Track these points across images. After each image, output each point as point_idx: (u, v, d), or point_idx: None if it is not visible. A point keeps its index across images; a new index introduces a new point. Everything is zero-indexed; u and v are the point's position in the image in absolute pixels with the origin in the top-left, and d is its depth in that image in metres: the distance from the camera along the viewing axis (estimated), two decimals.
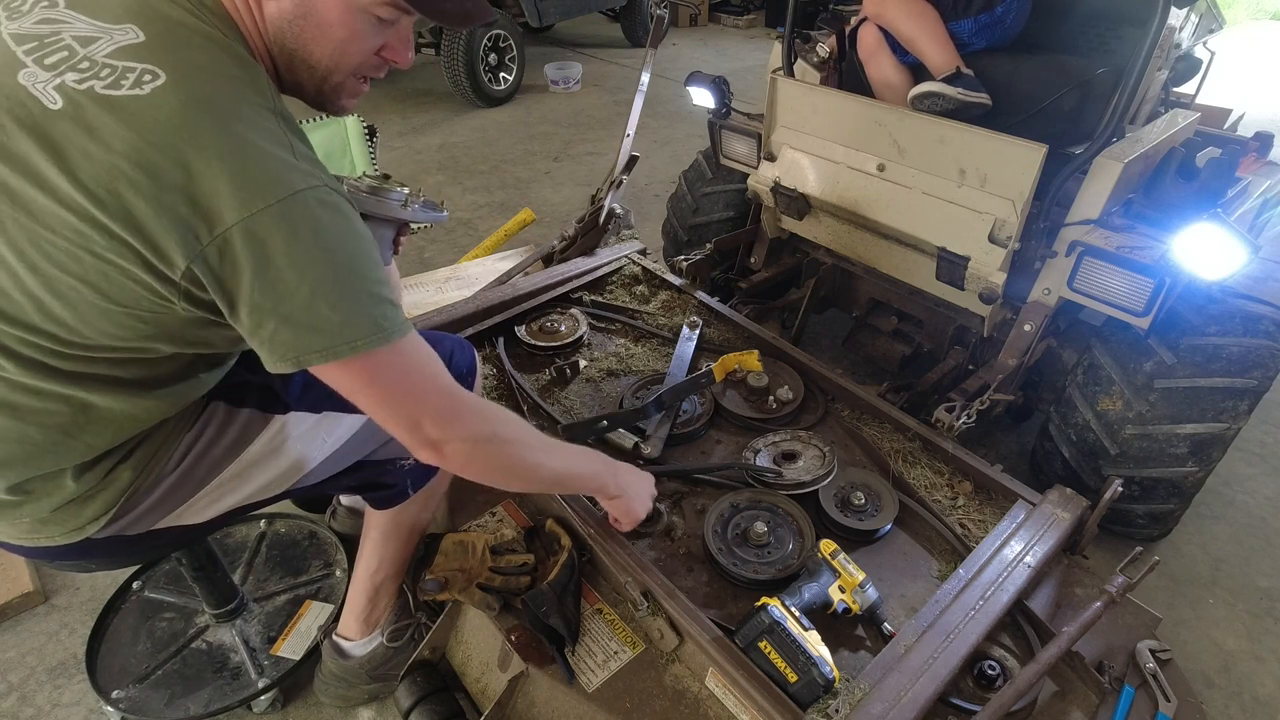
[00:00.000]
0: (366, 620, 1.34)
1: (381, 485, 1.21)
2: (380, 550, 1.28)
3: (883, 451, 1.56)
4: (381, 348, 0.81)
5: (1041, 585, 1.31)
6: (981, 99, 1.73)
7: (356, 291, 0.80)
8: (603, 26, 7.30)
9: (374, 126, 2.57)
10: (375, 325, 0.80)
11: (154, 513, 0.98)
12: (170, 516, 1.00)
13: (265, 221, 0.73)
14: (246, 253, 0.74)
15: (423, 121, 4.75)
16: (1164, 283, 1.46)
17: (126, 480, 0.93)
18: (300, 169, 0.78)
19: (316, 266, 0.76)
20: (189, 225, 0.73)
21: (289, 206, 0.75)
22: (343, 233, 0.80)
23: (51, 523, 0.92)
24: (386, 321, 0.82)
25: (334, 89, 0.91)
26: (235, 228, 0.73)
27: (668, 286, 2.10)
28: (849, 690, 1.04)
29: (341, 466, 1.13)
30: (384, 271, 0.85)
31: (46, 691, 1.45)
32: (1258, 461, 2.16)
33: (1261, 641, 1.65)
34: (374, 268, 0.83)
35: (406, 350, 0.85)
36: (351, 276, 0.80)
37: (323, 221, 0.78)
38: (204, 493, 1.01)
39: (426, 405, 0.89)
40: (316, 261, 0.76)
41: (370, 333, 0.80)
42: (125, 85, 0.72)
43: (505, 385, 1.72)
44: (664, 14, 2.22)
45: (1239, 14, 9.10)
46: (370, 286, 0.81)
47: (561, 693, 1.17)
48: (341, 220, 0.80)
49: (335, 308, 0.78)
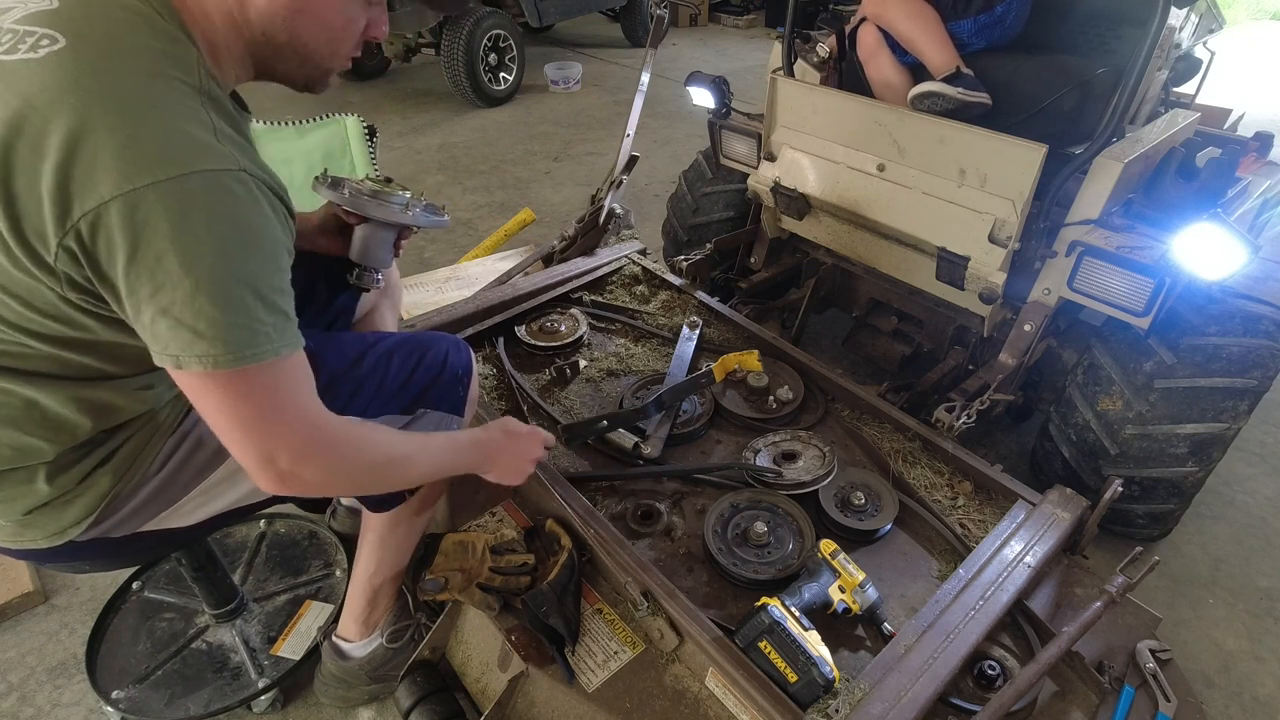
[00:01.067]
0: (365, 622, 1.33)
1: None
2: (378, 553, 1.27)
3: (883, 451, 1.56)
4: (261, 363, 0.74)
5: (1041, 585, 1.31)
6: (981, 98, 1.73)
7: (250, 296, 0.72)
8: (603, 26, 7.30)
9: (374, 126, 2.57)
10: (264, 337, 0.74)
11: (138, 516, 0.96)
12: (156, 520, 0.99)
13: (150, 199, 0.66)
14: (123, 231, 0.67)
15: (423, 121, 4.75)
16: (1164, 283, 1.46)
17: (107, 485, 0.91)
18: (215, 150, 0.72)
19: (206, 259, 0.69)
20: (64, 198, 0.67)
21: (183, 186, 0.68)
22: (247, 226, 0.72)
23: (32, 526, 0.91)
24: (277, 335, 0.75)
25: (325, 74, 0.90)
26: (112, 202, 0.66)
27: (668, 286, 2.10)
28: (849, 690, 1.04)
29: None
30: (286, 281, 0.78)
31: (46, 691, 1.45)
32: (1258, 461, 2.16)
33: (1261, 641, 1.65)
34: (277, 274, 0.76)
35: (287, 371, 0.78)
36: (247, 278, 0.72)
37: (224, 209, 0.70)
38: (190, 497, 0.99)
39: (289, 437, 0.80)
40: (207, 253, 0.69)
41: (254, 345, 0.73)
42: (21, 50, 0.68)
43: (505, 385, 1.72)
44: (664, 14, 2.22)
45: (1239, 14, 9.10)
46: (268, 293, 0.74)
47: (561, 693, 1.17)
48: (250, 212, 0.73)
49: (223, 309, 0.71)
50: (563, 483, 1.36)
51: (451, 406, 1.17)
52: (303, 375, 0.82)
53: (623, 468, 1.52)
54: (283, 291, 0.77)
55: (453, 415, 1.18)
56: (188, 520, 1.02)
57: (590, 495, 1.43)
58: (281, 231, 0.78)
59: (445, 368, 1.17)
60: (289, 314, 0.78)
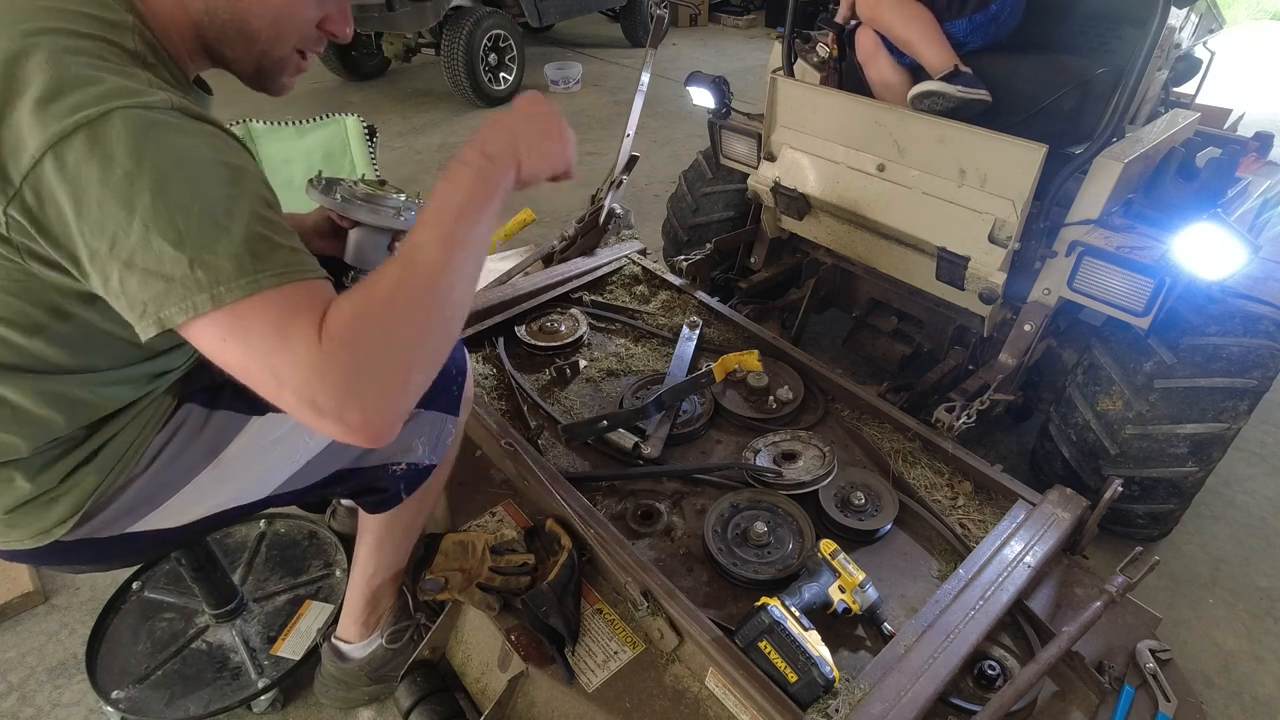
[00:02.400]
0: (365, 623, 1.33)
1: (374, 490, 1.16)
2: (376, 555, 1.26)
3: (883, 451, 1.56)
4: (255, 295, 0.66)
5: (1041, 585, 1.31)
6: (981, 95, 1.72)
7: (209, 225, 0.65)
8: (603, 26, 7.30)
9: (374, 126, 2.57)
10: (240, 268, 0.65)
11: (127, 516, 0.94)
12: (145, 520, 0.96)
13: (76, 145, 0.63)
14: (62, 186, 0.63)
15: (423, 121, 4.75)
16: (1164, 283, 1.46)
17: (91, 484, 0.89)
18: (143, 91, 0.67)
19: (144, 195, 0.64)
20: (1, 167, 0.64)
21: (106, 123, 0.64)
22: (187, 153, 0.67)
23: (16, 525, 0.89)
24: (258, 262, 0.66)
25: (275, 64, 0.86)
26: (44, 158, 0.63)
27: (668, 286, 2.10)
28: (849, 690, 1.04)
29: (328, 470, 1.07)
30: (268, 209, 0.71)
31: (46, 691, 1.45)
32: (1258, 461, 2.16)
33: (1261, 641, 1.65)
34: (244, 198, 0.68)
35: (296, 299, 0.68)
36: (198, 207, 0.65)
37: (155, 139, 0.66)
38: (180, 496, 0.97)
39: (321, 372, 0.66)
40: (144, 188, 0.64)
41: (234, 276, 0.65)
42: None
43: (505, 385, 1.72)
44: (664, 14, 2.21)
45: (1239, 14, 9.09)
46: (229, 222, 0.66)
47: (561, 693, 1.17)
48: (189, 140, 0.68)
49: (180, 244, 0.64)
50: (563, 483, 1.37)
51: (446, 406, 1.16)
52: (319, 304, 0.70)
53: (623, 468, 1.52)
54: (261, 218, 0.69)
55: (447, 415, 1.16)
56: (177, 521, 0.99)
57: (590, 495, 1.43)
58: (245, 162, 0.72)
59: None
60: (279, 241, 0.69)
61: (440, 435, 1.14)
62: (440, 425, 1.14)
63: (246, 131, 2.42)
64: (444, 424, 1.15)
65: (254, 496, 1.04)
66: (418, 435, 1.11)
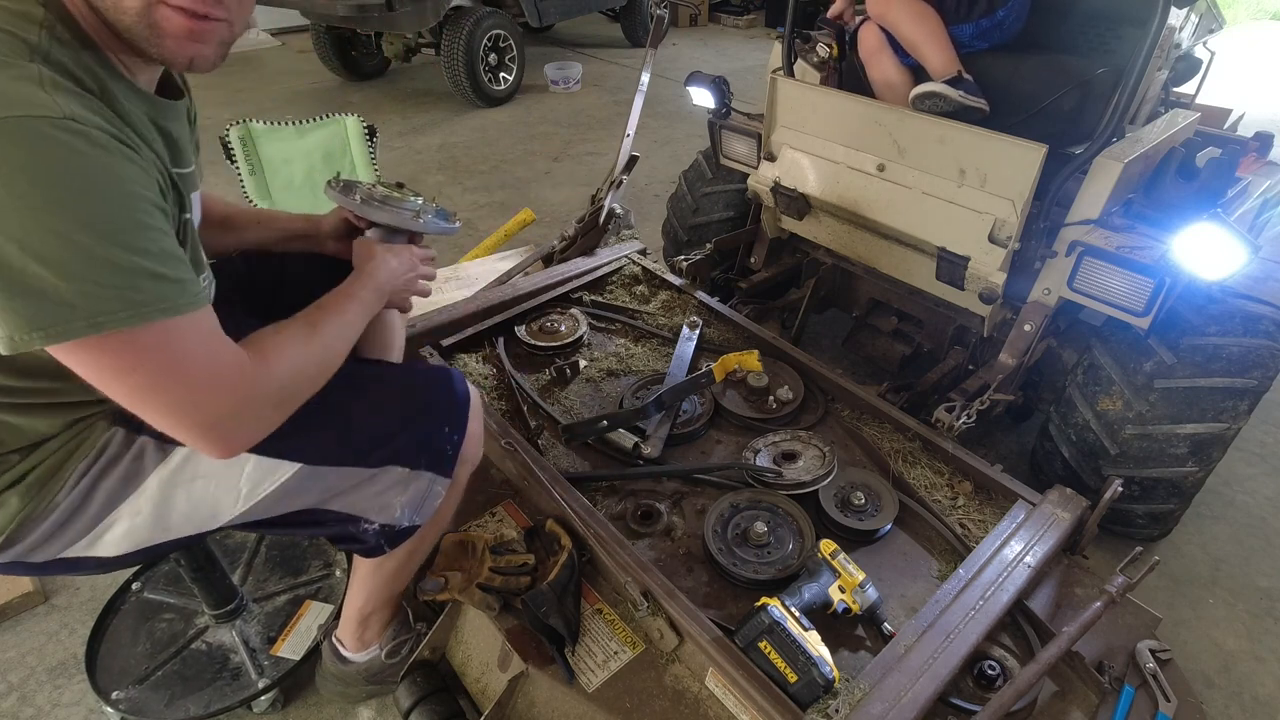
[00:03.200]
0: (361, 639, 1.32)
1: (353, 539, 1.07)
2: (367, 587, 1.23)
3: (883, 451, 1.56)
4: (134, 327, 0.67)
5: (1041, 585, 1.31)
6: (979, 104, 1.73)
7: (93, 253, 0.65)
8: (603, 26, 7.30)
9: (374, 126, 2.57)
10: (125, 300, 0.67)
11: (54, 542, 0.90)
12: (76, 547, 0.91)
13: None
14: None
15: (423, 121, 4.75)
16: (1164, 283, 1.46)
17: (15, 507, 0.86)
18: (32, 98, 0.64)
19: (26, 213, 0.62)
20: None
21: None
22: (68, 174, 0.64)
23: None
24: (140, 295, 0.67)
25: (138, 22, 0.74)
26: None
27: (668, 286, 2.10)
28: (849, 690, 1.04)
29: (274, 514, 1.00)
30: (155, 239, 0.71)
31: (46, 691, 1.45)
32: (1258, 461, 2.16)
33: (1261, 641, 1.65)
34: (131, 231, 0.68)
35: (172, 333, 0.71)
36: (85, 232, 0.64)
37: (32, 157, 0.63)
38: (104, 526, 0.91)
39: (206, 407, 0.76)
40: (29, 206, 0.62)
41: (115, 309, 0.66)
42: None
43: (505, 385, 1.72)
44: (664, 14, 2.21)
45: (1239, 14, 9.09)
46: (116, 253, 0.66)
47: (561, 693, 1.17)
48: (74, 159, 0.64)
49: (58, 269, 0.63)
50: (563, 483, 1.36)
51: (437, 466, 1.06)
52: (207, 331, 0.76)
53: (623, 468, 1.52)
54: (147, 252, 0.69)
55: (437, 477, 1.07)
56: (111, 551, 0.94)
57: (590, 495, 1.43)
58: (139, 185, 0.70)
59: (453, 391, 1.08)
60: (169, 276, 0.71)
61: (426, 498, 1.07)
62: (427, 488, 1.06)
63: (247, 131, 2.42)
64: (432, 486, 1.06)
65: (192, 532, 0.98)
66: (399, 495, 1.04)
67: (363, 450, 1.00)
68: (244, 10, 0.83)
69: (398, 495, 1.04)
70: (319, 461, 0.97)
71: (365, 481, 1.01)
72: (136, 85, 0.81)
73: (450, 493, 1.11)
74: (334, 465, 0.99)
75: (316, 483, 0.98)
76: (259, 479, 0.95)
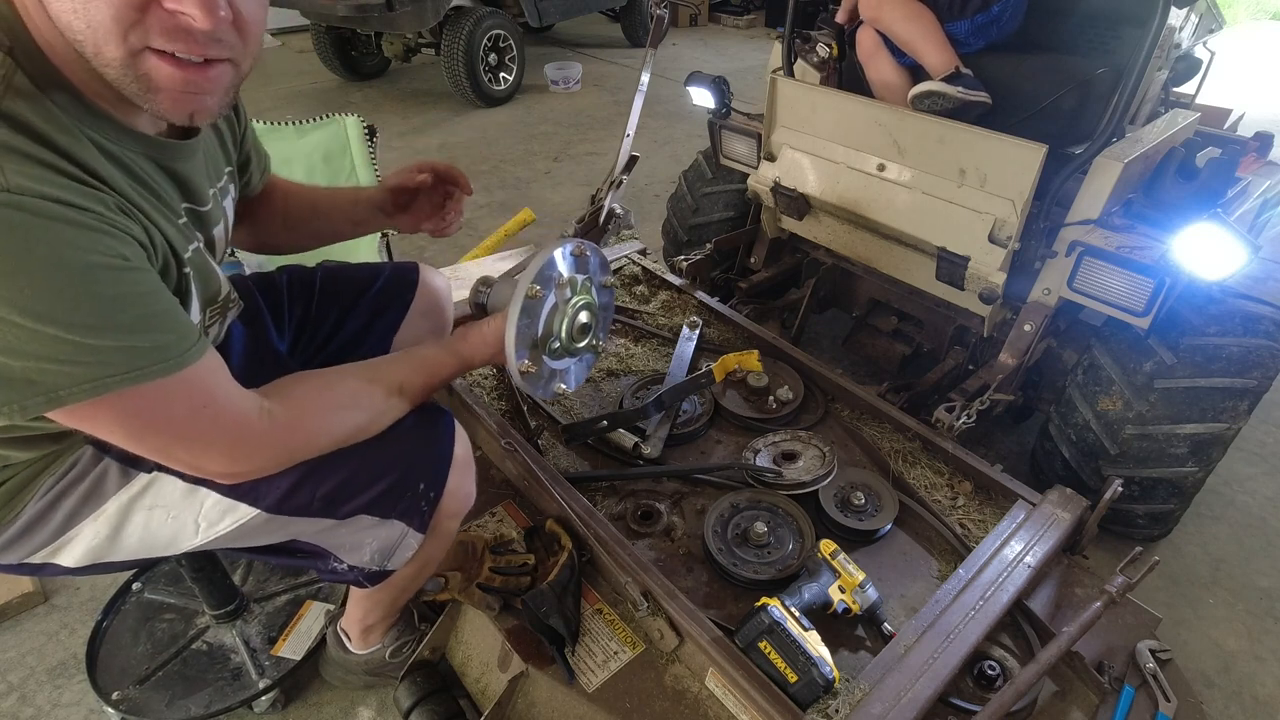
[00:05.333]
0: (364, 639, 1.32)
1: (329, 573, 1.04)
2: (364, 603, 1.24)
3: (883, 451, 1.56)
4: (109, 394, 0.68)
5: (1041, 585, 1.31)
6: (982, 97, 1.72)
7: (38, 333, 0.63)
8: (603, 26, 7.30)
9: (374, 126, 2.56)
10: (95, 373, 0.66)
11: (17, 548, 0.90)
12: (39, 555, 0.91)
13: None
14: None
15: (423, 121, 4.75)
16: (1164, 283, 1.46)
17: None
18: None
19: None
20: None
21: None
22: (17, 257, 0.61)
23: None
24: (118, 365, 0.67)
25: (124, 75, 0.66)
26: None
27: (668, 286, 2.10)
28: (849, 690, 1.04)
29: (238, 546, 0.99)
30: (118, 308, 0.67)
31: (46, 691, 1.45)
32: (1258, 461, 2.16)
33: (1261, 641, 1.65)
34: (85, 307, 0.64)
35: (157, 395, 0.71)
36: (23, 315, 0.62)
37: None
38: (65, 540, 0.91)
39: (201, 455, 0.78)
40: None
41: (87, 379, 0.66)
42: None
43: (505, 385, 1.72)
44: (664, 14, 2.21)
45: (1239, 14, 9.09)
46: (61, 332, 0.64)
47: (561, 693, 1.17)
48: (18, 241, 0.61)
49: (16, 355, 0.63)
50: (563, 483, 1.36)
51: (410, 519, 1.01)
52: (201, 388, 0.75)
53: (623, 468, 1.52)
54: (107, 324, 0.66)
55: (409, 529, 1.01)
56: (74, 563, 0.93)
57: (590, 495, 1.43)
58: (97, 253, 0.65)
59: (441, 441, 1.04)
60: (147, 343, 0.69)
61: (393, 547, 1.02)
62: (399, 539, 1.02)
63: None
64: (404, 538, 1.02)
65: (153, 556, 0.97)
66: (371, 539, 1.00)
67: (329, 501, 0.95)
68: (251, 45, 0.73)
69: (370, 539, 1.00)
70: (277, 511, 0.93)
71: (332, 528, 0.98)
72: (133, 128, 0.75)
73: (436, 540, 1.08)
74: (295, 516, 0.95)
75: (278, 527, 0.96)
76: (216, 518, 0.93)
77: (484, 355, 1.06)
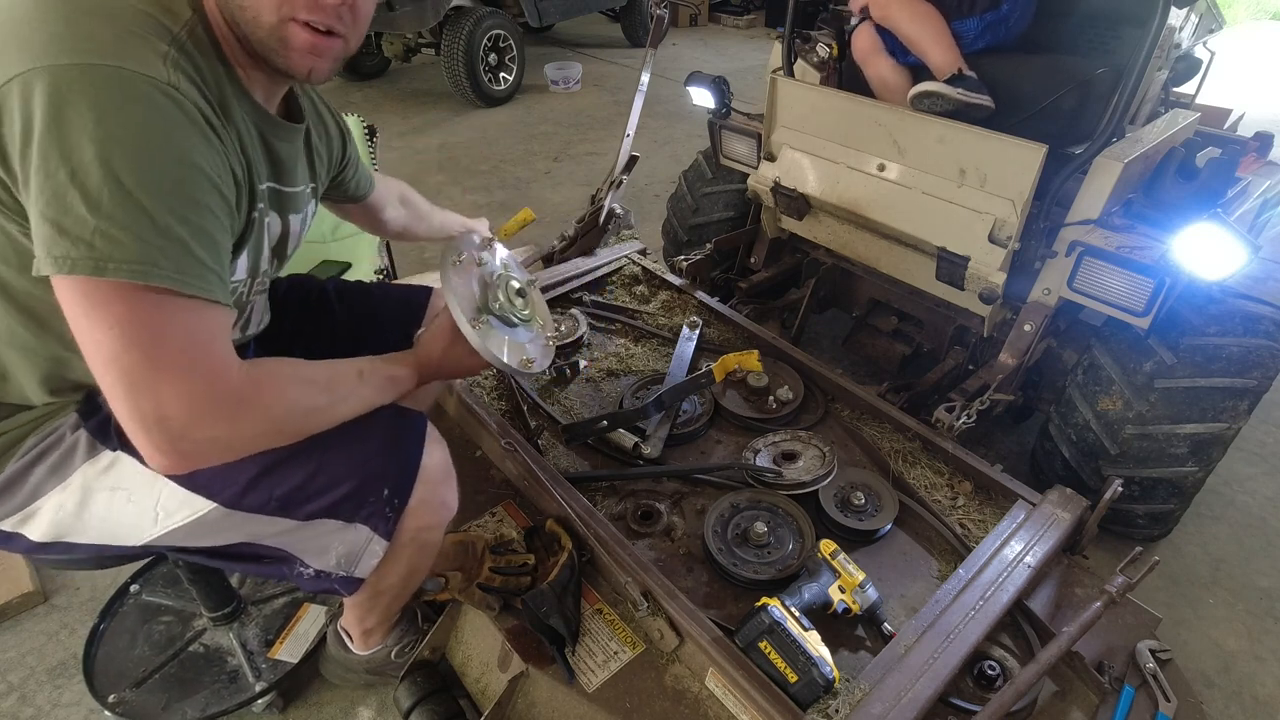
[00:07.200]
0: (365, 641, 1.32)
1: (302, 579, 1.02)
2: (357, 610, 1.23)
3: (883, 451, 1.56)
4: (141, 283, 0.69)
5: (1041, 585, 1.31)
6: (984, 100, 1.72)
7: (135, 207, 0.68)
8: (603, 26, 7.30)
9: (374, 126, 2.56)
10: (145, 254, 0.68)
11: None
12: (8, 521, 0.91)
13: (46, 80, 0.65)
14: (20, 112, 0.65)
15: (423, 121, 4.75)
16: (1164, 283, 1.46)
17: None
18: (148, 61, 0.70)
19: (88, 151, 0.65)
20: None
21: (86, 74, 0.66)
22: (151, 133, 0.69)
23: None
24: (167, 261, 0.69)
25: (270, 35, 0.81)
26: (14, 80, 0.65)
27: (668, 286, 2.10)
28: (849, 690, 1.04)
29: (201, 545, 0.97)
30: (205, 219, 0.74)
31: (46, 691, 1.45)
32: (1258, 461, 2.16)
33: (1261, 641, 1.65)
34: (178, 197, 0.70)
35: (184, 312, 0.73)
36: (137, 185, 0.68)
37: (126, 109, 0.67)
38: (34, 508, 0.90)
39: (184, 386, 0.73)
40: (90, 146, 0.65)
41: (131, 259, 0.68)
42: None
43: (505, 385, 1.72)
44: (664, 14, 2.21)
45: (1239, 14, 9.10)
46: (162, 212, 0.69)
47: (561, 693, 1.17)
48: (162, 122, 0.70)
49: (96, 210, 0.66)
50: (563, 483, 1.36)
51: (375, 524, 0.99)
52: (207, 326, 0.76)
53: (623, 468, 1.52)
54: (188, 222, 0.71)
55: (375, 535, 1.00)
56: (37, 536, 0.92)
57: (590, 495, 1.42)
58: (207, 164, 0.74)
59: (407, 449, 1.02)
60: (197, 255, 0.73)
61: (359, 553, 1.00)
62: (364, 543, 1.00)
63: None
64: (368, 543, 1.00)
65: (114, 542, 0.95)
66: (336, 543, 0.99)
67: (286, 502, 0.93)
68: (359, 30, 0.89)
69: (333, 544, 0.99)
70: (234, 506, 0.92)
71: (293, 530, 0.96)
72: (254, 98, 0.88)
73: (420, 551, 1.07)
74: (252, 513, 0.93)
75: (235, 525, 0.94)
76: (173, 508, 0.92)
77: (440, 344, 1.06)
